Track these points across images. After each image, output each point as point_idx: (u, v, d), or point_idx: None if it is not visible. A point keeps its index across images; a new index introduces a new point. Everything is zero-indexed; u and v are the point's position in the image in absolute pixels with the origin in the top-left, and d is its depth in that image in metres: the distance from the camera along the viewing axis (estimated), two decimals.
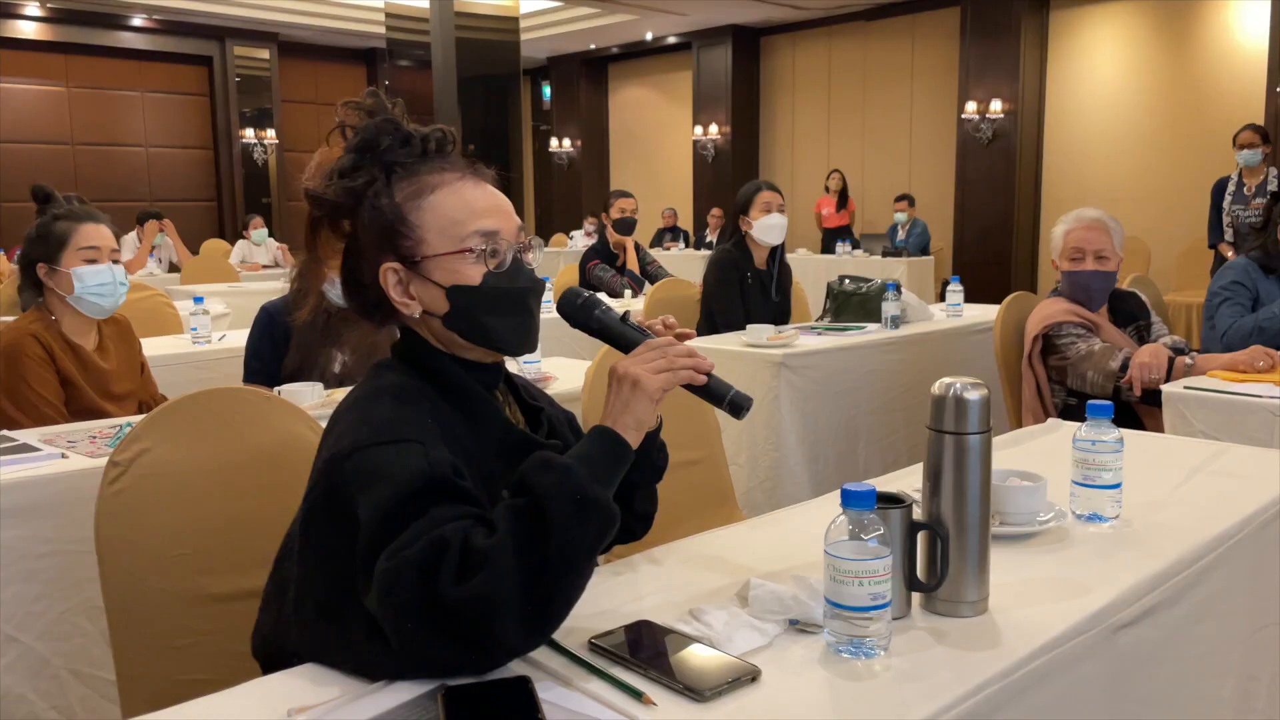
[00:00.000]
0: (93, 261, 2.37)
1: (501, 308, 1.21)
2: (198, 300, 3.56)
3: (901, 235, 9.61)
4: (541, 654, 1.03)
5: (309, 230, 1.24)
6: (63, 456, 1.92)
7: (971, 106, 10.07)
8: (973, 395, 1.12)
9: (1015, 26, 9.78)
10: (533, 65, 14.16)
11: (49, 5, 10.23)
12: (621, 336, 1.21)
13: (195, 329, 3.49)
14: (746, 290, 3.93)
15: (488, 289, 1.19)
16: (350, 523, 1.03)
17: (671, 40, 12.61)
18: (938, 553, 1.13)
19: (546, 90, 14.24)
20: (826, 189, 10.56)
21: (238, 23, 11.17)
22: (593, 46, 13.15)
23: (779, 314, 4.02)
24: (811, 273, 8.70)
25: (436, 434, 1.11)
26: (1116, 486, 1.44)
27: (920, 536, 1.14)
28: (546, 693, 0.94)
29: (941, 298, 6.89)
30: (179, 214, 9.73)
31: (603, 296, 1.72)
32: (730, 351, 3.31)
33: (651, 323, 1.36)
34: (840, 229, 10.21)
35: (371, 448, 1.07)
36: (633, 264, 5.27)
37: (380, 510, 1.01)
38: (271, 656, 1.17)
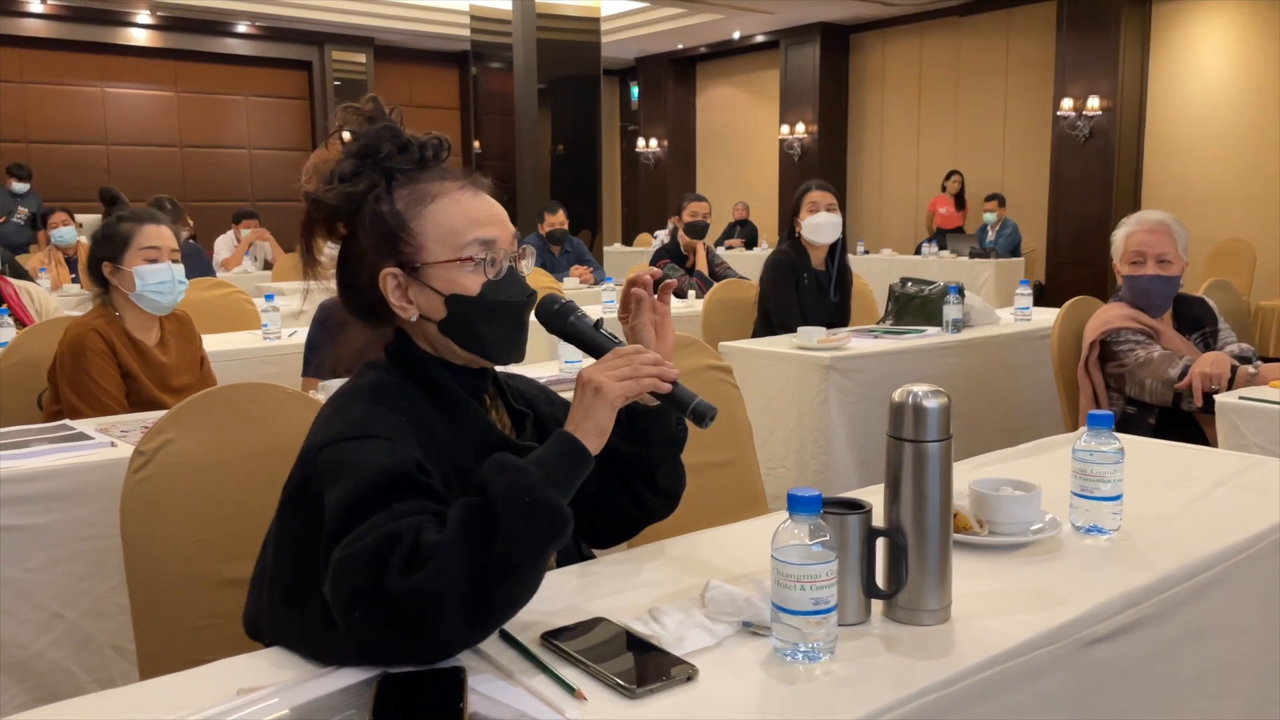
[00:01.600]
0: (153, 261, 2.49)
1: (495, 318, 1.24)
2: (269, 298, 3.70)
3: (991, 236, 9.41)
4: (494, 647, 1.06)
5: (304, 232, 1.29)
6: (111, 445, 2.03)
7: (1068, 103, 9.78)
8: (931, 403, 1.11)
9: (1115, 20, 9.45)
10: (621, 66, 14.25)
11: (159, 14, 10.72)
12: (593, 343, 1.24)
13: (266, 325, 3.63)
14: (803, 291, 3.91)
15: (484, 299, 1.23)
16: (319, 513, 1.08)
17: (759, 39, 12.55)
18: (895, 560, 1.12)
19: (634, 90, 14.30)
20: (943, 189, 10.46)
21: (336, 28, 11.52)
22: (680, 46, 13.16)
23: (838, 314, 3.99)
24: (897, 274, 8.57)
25: (409, 432, 1.16)
26: (1116, 499, 1.41)
27: (881, 543, 1.14)
28: (484, 685, 0.97)
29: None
30: (278, 213, 10.09)
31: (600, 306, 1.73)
32: (779, 354, 3.30)
33: (637, 274, 1.36)
34: (956, 229, 10.11)
35: (342, 442, 1.12)
36: (702, 265, 5.28)
37: (343, 502, 1.06)
38: (256, 637, 1.23)
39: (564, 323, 1.25)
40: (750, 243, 11.00)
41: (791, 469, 3.28)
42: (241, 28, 11.35)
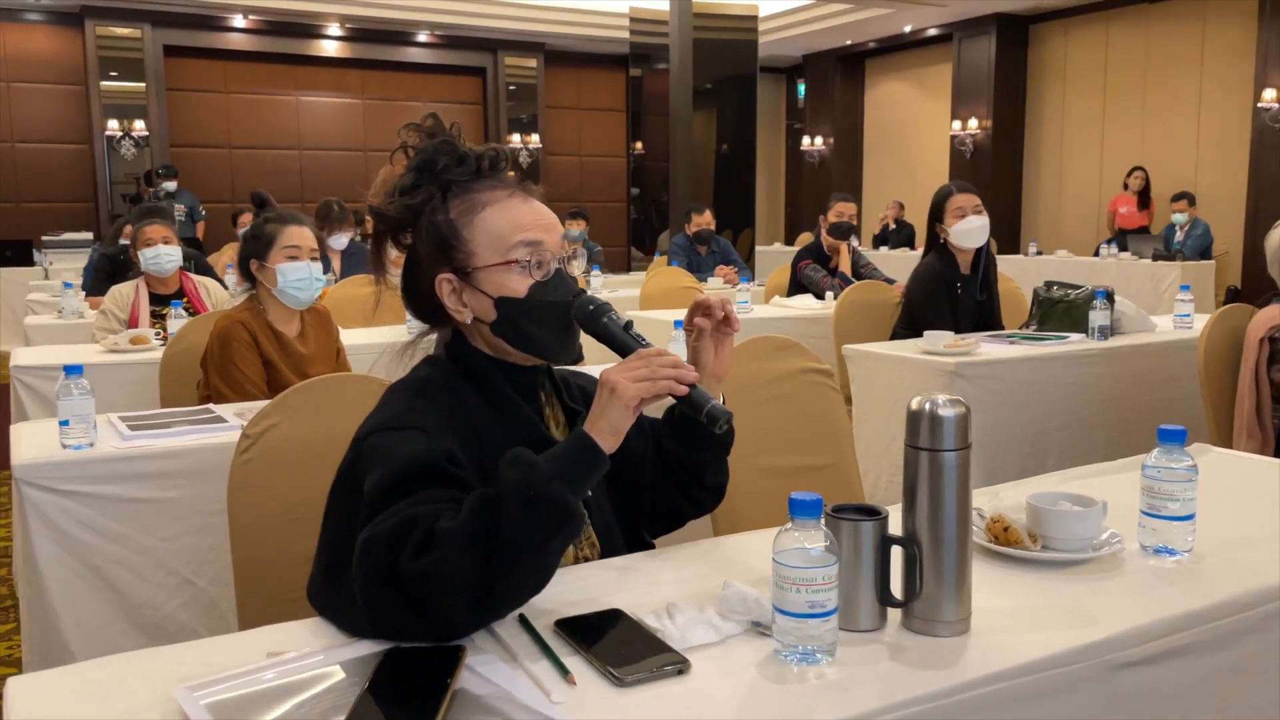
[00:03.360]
0: (294, 259, 2.69)
1: (544, 318, 1.30)
2: None
3: (1179, 237, 8.83)
4: (509, 630, 1.12)
5: (373, 242, 1.39)
6: (242, 428, 2.21)
7: (1270, 94, 9.07)
8: (948, 412, 1.10)
9: None
10: (788, 64, 14.14)
11: (348, 26, 11.42)
12: (621, 344, 1.27)
13: (410, 320, 3.82)
14: (957, 300, 3.75)
15: (531, 300, 1.29)
16: (360, 496, 1.17)
17: (932, 32, 12.19)
18: (910, 569, 1.11)
19: (801, 88, 14.16)
20: (1125, 186, 9.94)
21: (509, 35, 11.96)
22: (849, 42, 12.95)
23: (985, 313, 3.82)
24: (1069, 277, 8.17)
25: (448, 425, 1.23)
26: (1187, 519, 1.33)
27: (897, 552, 1.12)
28: (484, 665, 1.02)
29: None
30: None
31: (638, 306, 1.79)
32: (902, 358, 3.23)
33: (703, 298, 1.39)
34: (1139, 229, 9.57)
35: (384, 432, 1.21)
36: (845, 266, 5.20)
37: (377, 487, 1.14)
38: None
39: (597, 324, 1.29)
40: (909, 243, 10.72)
41: None
42: (422, 37, 11.94)
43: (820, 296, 4.97)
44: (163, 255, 3.94)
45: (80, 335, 4.27)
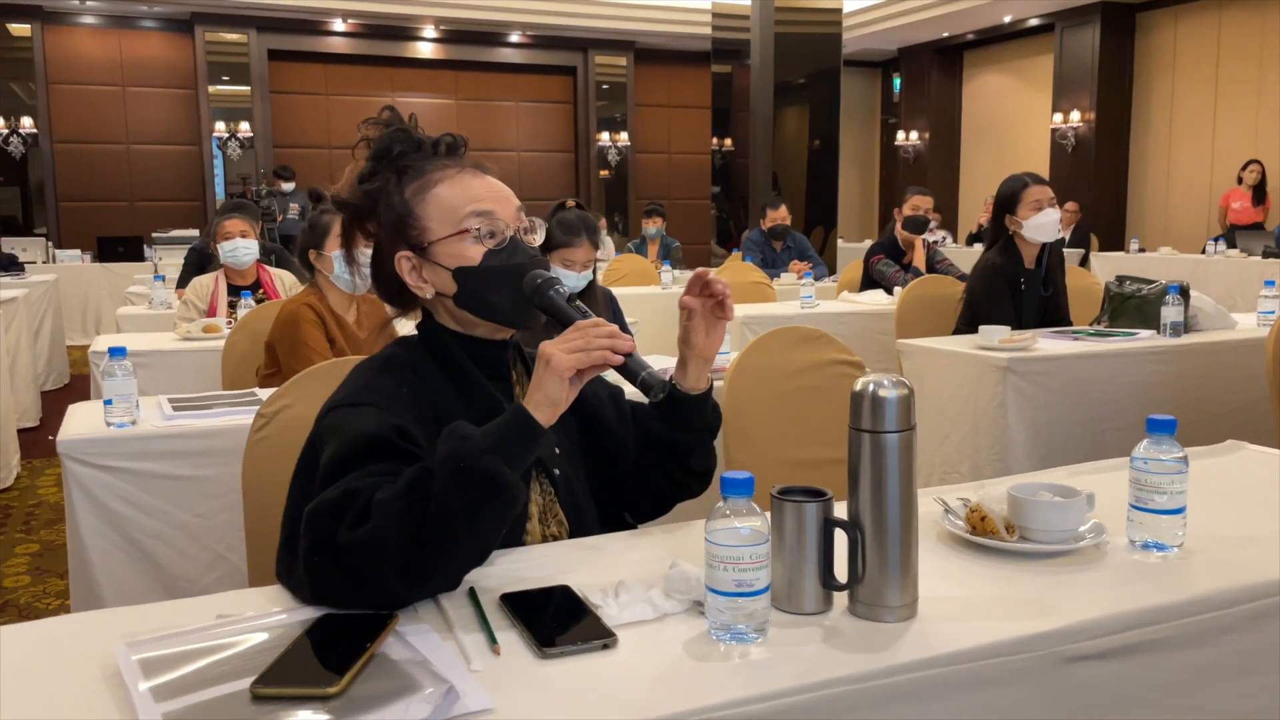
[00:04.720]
0: None
1: (502, 284, 1.32)
2: None
3: None
4: (455, 601, 1.14)
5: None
6: None
7: None
8: (890, 393, 1.07)
9: None
10: (882, 57, 13.89)
11: (443, 28, 11.67)
12: (564, 316, 1.27)
13: None
14: (1020, 296, 3.62)
15: (487, 267, 1.32)
16: (318, 469, 1.21)
17: (1033, 22, 11.83)
18: (853, 553, 1.09)
19: (897, 82, 13.89)
20: (1239, 180, 9.50)
21: (599, 34, 12.06)
22: (945, 34, 12.65)
23: (1051, 308, 3.70)
24: (1174, 275, 7.81)
25: (405, 401, 1.26)
26: (1176, 512, 1.27)
27: (842, 535, 1.11)
28: (416, 635, 1.04)
29: None
30: (540, 212, 10.70)
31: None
32: (955, 353, 3.15)
33: (703, 270, 1.39)
34: (1253, 225, 9.14)
35: (341, 408, 1.25)
36: (919, 261, 5.10)
37: (330, 461, 1.18)
38: None
39: (544, 296, 1.29)
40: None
41: (966, 475, 3.12)
42: (514, 37, 12.13)
43: (890, 291, 4.88)
44: (240, 248, 4.10)
45: (166, 324, 4.48)
